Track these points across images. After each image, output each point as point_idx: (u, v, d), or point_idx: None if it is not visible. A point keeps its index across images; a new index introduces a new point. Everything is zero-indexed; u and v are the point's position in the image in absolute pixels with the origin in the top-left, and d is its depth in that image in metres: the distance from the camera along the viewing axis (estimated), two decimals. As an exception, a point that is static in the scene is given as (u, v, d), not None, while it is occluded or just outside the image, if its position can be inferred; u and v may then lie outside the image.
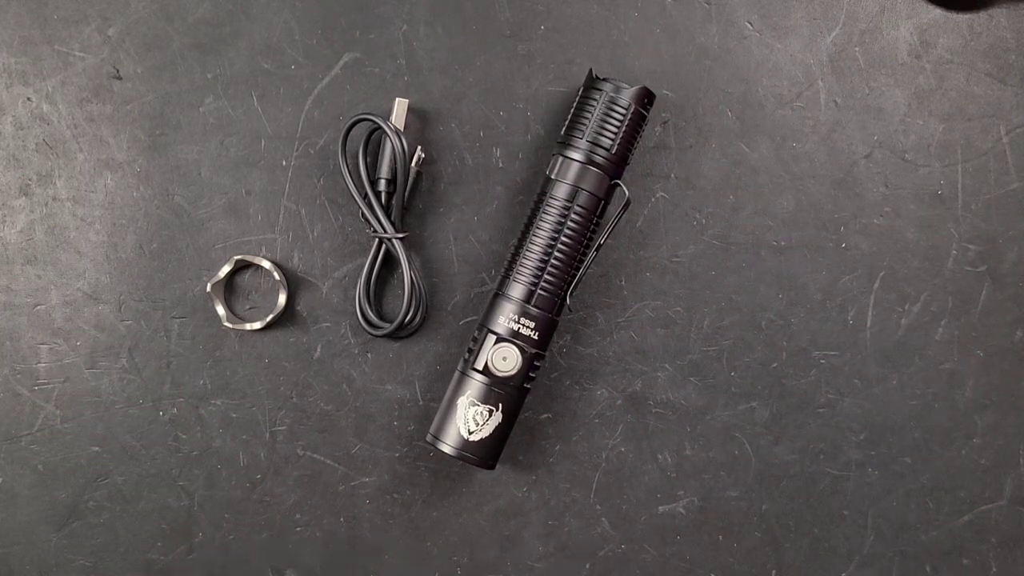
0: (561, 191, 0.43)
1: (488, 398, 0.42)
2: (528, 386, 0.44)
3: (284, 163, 0.47)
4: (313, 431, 0.47)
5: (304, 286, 0.47)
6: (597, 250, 0.43)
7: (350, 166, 0.45)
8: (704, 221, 0.47)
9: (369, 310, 0.46)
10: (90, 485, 0.47)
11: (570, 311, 0.43)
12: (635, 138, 0.44)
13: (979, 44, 0.48)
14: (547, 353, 0.44)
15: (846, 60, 0.47)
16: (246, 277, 0.47)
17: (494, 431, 0.43)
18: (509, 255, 0.44)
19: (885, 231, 0.48)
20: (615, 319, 0.47)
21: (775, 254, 0.47)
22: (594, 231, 0.43)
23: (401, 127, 0.46)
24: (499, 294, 0.44)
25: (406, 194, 0.46)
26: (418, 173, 0.47)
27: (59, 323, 0.47)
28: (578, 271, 0.43)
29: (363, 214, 0.45)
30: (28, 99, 0.47)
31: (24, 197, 0.47)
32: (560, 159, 0.43)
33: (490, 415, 0.42)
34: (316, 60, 0.47)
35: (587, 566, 0.48)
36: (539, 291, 0.43)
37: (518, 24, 0.47)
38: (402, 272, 0.45)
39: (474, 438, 0.42)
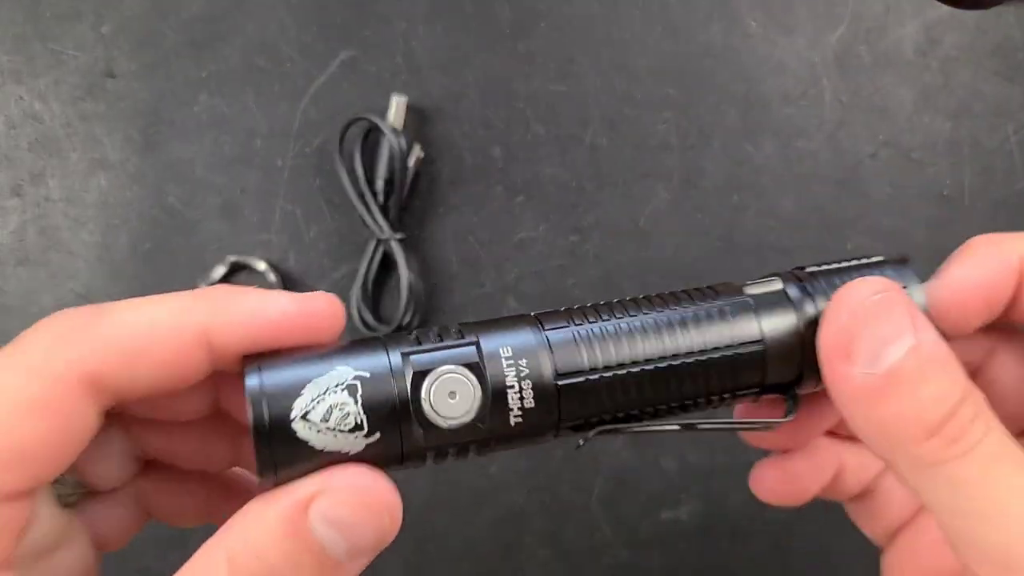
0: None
1: (381, 412, 0.20)
2: (408, 463, 0.21)
3: (280, 162, 0.46)
4: (309, 435, 0.47)
5: (300, 288, 0.46)
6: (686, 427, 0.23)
7: (347, 166, 0.45)
8: (707, 221, 0.47)
9: (366, 312, 0.45)
10: (82, 490, 0.46)
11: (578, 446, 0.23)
12: None
13: (986, 42, 0.47)
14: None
15: (851, 58, 0.47)
16: (241, 279, 0.47)
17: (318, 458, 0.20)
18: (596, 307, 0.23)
19: (891, 231, 0.47)
20: (616, 321, 0.47)
21: (779, 255, 0.47)
22: (715, 399, 0.23)
23: (399, 126, 0.45)
24: (541, 321, 0.22)
25: (404, 194, 0.45)
26: (416, 173, 0.46)
27: (51, 325, 0.46)
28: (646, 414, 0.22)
29: (360, 215, 0.45)
30: (21, 98, 0.46)
31: (16, 197, 0.46)
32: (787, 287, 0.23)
33: (352, 430, 0.20)
34: (312, 57, 0.46)
35: (588, 573, 0.47)
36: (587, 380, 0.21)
37: (518, 22, 0.47)
38: (399, 274, 0.45)
39: (301, 432, 0.20)
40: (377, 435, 0.20)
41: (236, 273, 0.46)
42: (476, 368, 0.20)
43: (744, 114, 0.47)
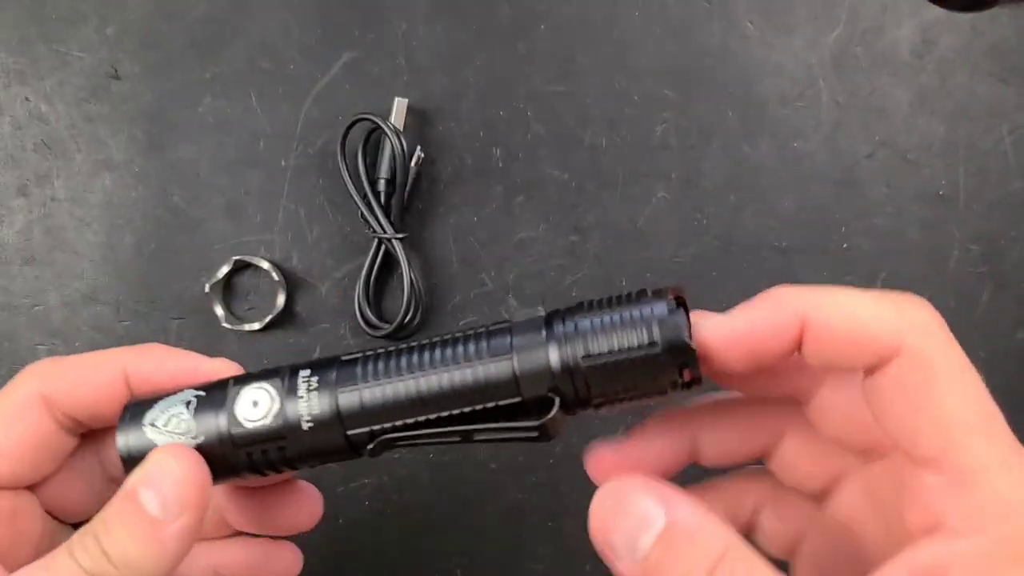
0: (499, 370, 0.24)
1: (204, 419, 0.26)
2: (239, 474, 0.26)
3: (283, 163, 0.47)
4: (312, 432, 0.47)
5: (303, 287, 0.47)
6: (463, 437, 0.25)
7: (349, 166, 0.45)
8: (705, 221, 0.47)
9: (368, 311, 0.46)
10: (88, 486, 0.47)
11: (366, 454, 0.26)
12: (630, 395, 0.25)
13: (982, 44, 0.48)
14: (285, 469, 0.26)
15: (848, 59, 0.47)
16: (245, 278, 0.47)
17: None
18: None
19: (887, 232, 0.47)
20: (616, 320, 0.47)
21: (777, 255, 0.47)
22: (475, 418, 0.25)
23: (400, 127, 0.45)
24: (344, 356, 0.26)
25: (405, 194, 0.46)
26: (417, 173, 0.47)
27: (57, 324, 0.47)
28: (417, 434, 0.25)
29: (362, 214, 0.45)
30: (26, 99, 0.46)
31: (22, 197, 0.47)
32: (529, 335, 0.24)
33: (183, 433, 0.26)
34: (315, 59, 0.46)
35: (587, 568, 0.48)
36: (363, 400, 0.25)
37: (518, 22, 0.47)
38: (401, 273, 0.45)
39: (149, 434, 0.26)
40: (202, 437, 0.25)
41: (240, 272, 0.47)
42: (275, 382, 0.25)
43: (742, 115, 0.47)
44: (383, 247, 0.46)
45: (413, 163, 0.46)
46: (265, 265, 0.46)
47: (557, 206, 0.47)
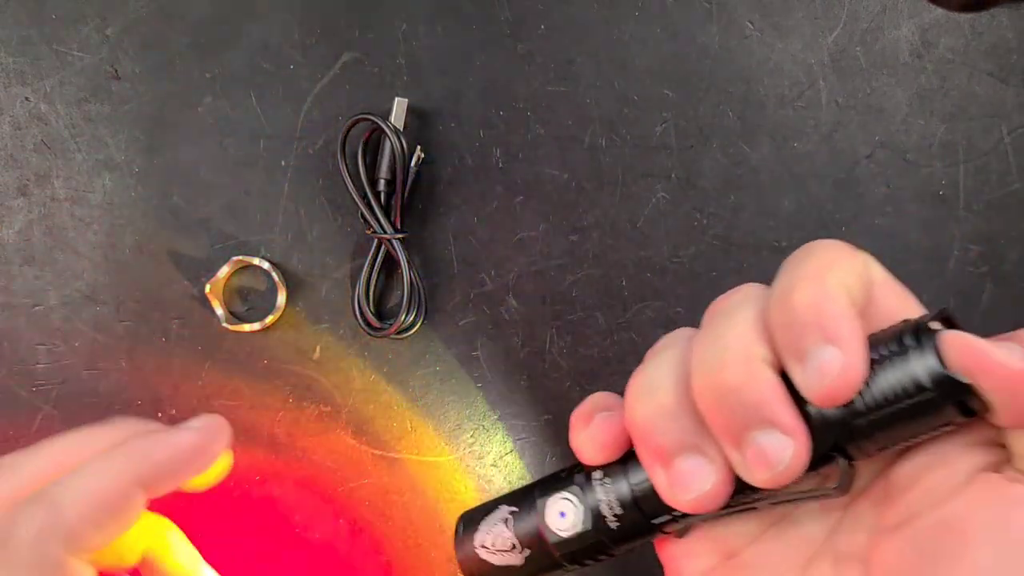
0: None
1: (524, 535, 0.29)
2: (568, 568, 0.29)
3: (283, 163, 0.47)
4: (312, 433, 0.47)
5: (303, 287, 0.47)
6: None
7: (349, 166, 0.45)
8: (705, 221, 0.47)
9: (368, 311, 0.46)
10: (88, 486, 0.47)
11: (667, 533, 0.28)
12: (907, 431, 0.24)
13: (981, 44, 0.48)
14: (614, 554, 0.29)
15: (847, 60, 0.47)
16: (245, 278, 0.47)
17: (502, 570, 0.29)
18: None
19: (886, 232, 0.47)
20: (615, 320, 0.47)
21: (777, 254, 0.47)
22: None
23: (400, 127, 0.46)
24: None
25: (405, 194, 0.46)
26: (417, 173, 0.47)
27: (57, 324, 0.47)
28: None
29: (362, 214, 0.45)
30: (26, 99, 0.47)
31: (22, 197, 0.47)
32: None
33: (511, 550, 0.29)
34: (315, 60, 0.46)
35: (587, 569, 0.48)
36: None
37: (518, 23, 0.47)
38: (401, 273, 0.45)
39: (483, 556, 0.30)
40: (528, 551, 0.28)
41: (240, 272, 0.47)
42: (574, 489, 0.28)
43: (741, 115, 0.47)
44: (383, 247, 0.46)
45: (413, 163, 0.46)
46: (265, 265, 0.46)
47: (557, 206, 0.47)
